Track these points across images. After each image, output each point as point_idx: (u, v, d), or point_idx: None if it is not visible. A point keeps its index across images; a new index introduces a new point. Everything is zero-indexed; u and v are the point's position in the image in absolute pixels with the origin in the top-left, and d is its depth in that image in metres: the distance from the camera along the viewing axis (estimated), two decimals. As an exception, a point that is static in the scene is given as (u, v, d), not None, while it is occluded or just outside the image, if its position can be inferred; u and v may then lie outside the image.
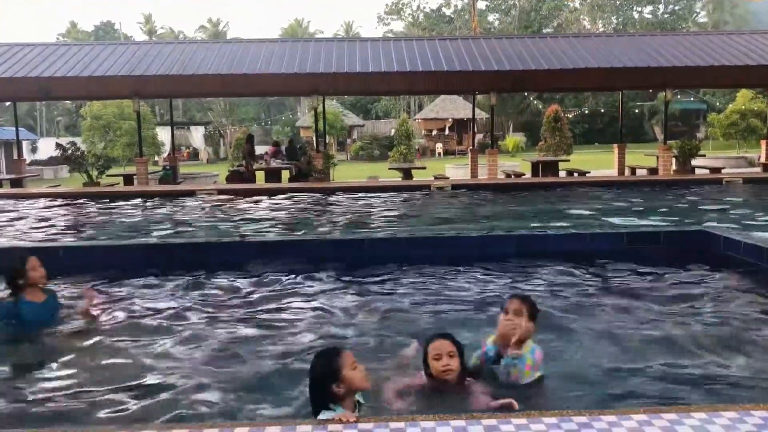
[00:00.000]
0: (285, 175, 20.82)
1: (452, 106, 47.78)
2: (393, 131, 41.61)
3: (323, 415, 3.08)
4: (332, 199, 15.46)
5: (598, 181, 18.10)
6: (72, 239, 10.25)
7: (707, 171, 20.50)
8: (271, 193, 16.37)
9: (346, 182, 20.07)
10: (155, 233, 10.75)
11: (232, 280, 6.57)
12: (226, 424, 2.94)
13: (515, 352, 3.67)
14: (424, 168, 22.76)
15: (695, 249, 7.25)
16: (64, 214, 13.81)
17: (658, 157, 20.63)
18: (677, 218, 11.05)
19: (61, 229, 11.42)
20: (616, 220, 11.15)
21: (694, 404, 3.06)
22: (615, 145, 22.98)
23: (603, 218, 11.52)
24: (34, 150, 46.19)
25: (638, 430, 2.73)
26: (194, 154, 50.38)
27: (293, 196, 15.65)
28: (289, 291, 6.21)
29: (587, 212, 12.43)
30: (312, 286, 6.33)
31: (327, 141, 28.20)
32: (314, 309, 5.56)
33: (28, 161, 32.94)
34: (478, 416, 2.92)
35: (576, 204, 13.89)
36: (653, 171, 20.65)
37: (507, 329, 3.73)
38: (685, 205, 13.39)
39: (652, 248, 7.36)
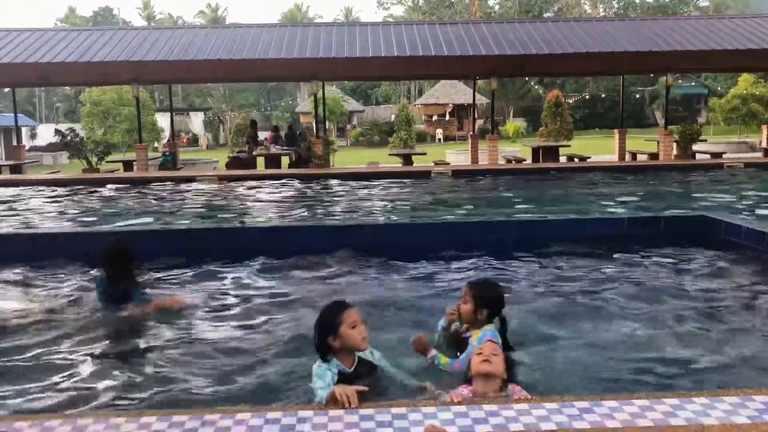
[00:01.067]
0: (285, 161, 20.79)
1: (453, 92, 47.62)
2: (393, 117, 41.49)
3: (320, 369, 3.26)
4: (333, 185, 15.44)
5: (599, 167, 18.06)
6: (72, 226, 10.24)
7: (708, 156, 20.43)
8: (270, 179, 16.36)
9: (346, 168, 20.03)
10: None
11: (235, 267, 6.57)
12: (228, 409, 2.94)
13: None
14: (425, 154, 22.72)
15: (696, 234, 7.22)
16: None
17: (659, 142, 20.57)
18: (678, 203, 11.03)
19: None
20: (616, 206, 11.13)
21: (695, 390, 3.05)
22: (616, 131, 22.92)
23: (603, 203, 11.51)
24: (33, 136, 46.08)
25: (640, 415, 2.72)
26: (194, 140, 50.30)
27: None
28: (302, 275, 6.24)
29: (587, 198, 12.41)
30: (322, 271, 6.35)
31: (327, 127, 28.08)
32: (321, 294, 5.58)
33: (27, 147, 32.86)
34: (479, 402, 2.92)
35: (576, 189, 13.87)
36: (654, 156, 20.59)
37: (448, 313, 4.04)
38: (686, 190, 13.36)
39: (653, 233, 7.34)
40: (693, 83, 48.49)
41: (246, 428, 2.70)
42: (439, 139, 44.90)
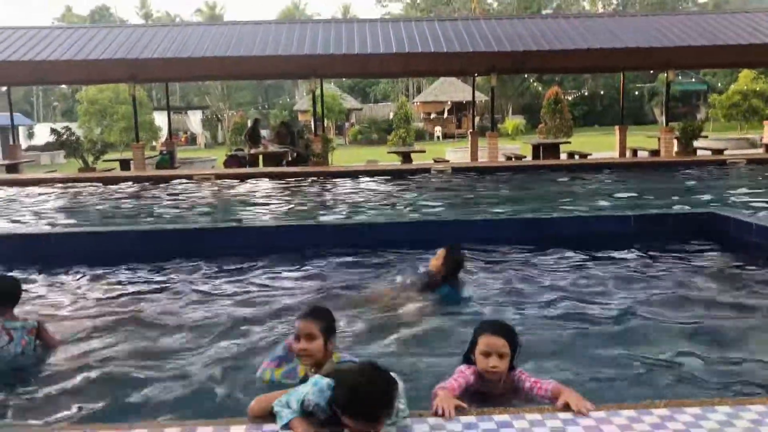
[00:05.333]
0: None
1: (451, 89, 47.41)
2: (392, 115, 41.28)
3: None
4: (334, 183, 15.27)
5: (600, 164, 17.89)
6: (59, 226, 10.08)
7: (709, 153, 20.27)
8: (268, 177, 16.20)
9: (345, 166, 19.86)
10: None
11: (231, 267, 6.41)
12: (222, 420, 2.77)
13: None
14: (424, 151, 22.56)
15: (704, 231, 7.07)
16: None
17: (659, 139, 20.41)
18: (682, 200, 10.86)
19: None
20: (620, 203, 10.97)
21: (717, 397, 2.88)
22: (616, 127, 22.76)
23: (607, 201, 11.34)
24: (30, 135, 45.81)
25: (660, 425, 2.57)
26: (192, 139, 50.08)
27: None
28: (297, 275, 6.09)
29: (590, 195, 12.24)
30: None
31: (325, 125, 27.88)
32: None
33: (24, 147, 32.60)
34: (489, 411, 2.76)
35: (578, 186, 13.71)
36: (655, 153, 20.43)
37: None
38: (689, 187, 13.19)
39: (661, 231, 7.18)
40: (693, 79, 48.28)
41: (241, 442, 2.54)
42: (438, 137, 44.71)
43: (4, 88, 23.44)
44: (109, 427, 2.70)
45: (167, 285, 5.90)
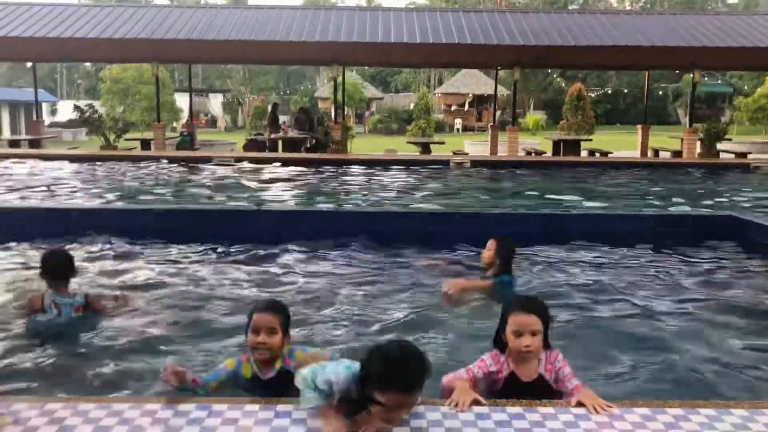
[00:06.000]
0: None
1: (473, 81, 47.17)
2: (412, 105, 41.19)
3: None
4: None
5: (621, 162, 17.75)
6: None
7: (733, 156, 20.04)
8: (286, 162, 16.25)
9: (363, 155, 19.86)
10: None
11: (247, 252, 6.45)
12: (233, 399, 2.80)
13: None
14: (443, 143, 22.52)
15: (724, 234, 7.00)
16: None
17: (682, 140, 20.20)
18: (704, 202, 10.75)
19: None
20: (640, 202, 10.89)
21: (732, 399, 2.86)
22: (639, 126, 22.56)
23: (626, 200, 11.26)
24: (53, 112, 46.27)
25: (674, 425, 2.56)
26: (212, 122, 50.33)
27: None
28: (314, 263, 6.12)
29: (610, 193, 12.16)
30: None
31: (345, 113, 27.86)
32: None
33: (47, 123, 32.93)
34: (502, 403, 2.76)
35: (598, 184, 13.62)
36: (677, 154, 20.23)
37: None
38: (711, 189, 13.06)
39: (680, 232, 7.12)
40: (719, 81, 47.68)
41: (254, 420, 2.57)
42: (458, 129, 44.58)
43: (29, 65, 23.68)
44: (125, 399, 2.73)
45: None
